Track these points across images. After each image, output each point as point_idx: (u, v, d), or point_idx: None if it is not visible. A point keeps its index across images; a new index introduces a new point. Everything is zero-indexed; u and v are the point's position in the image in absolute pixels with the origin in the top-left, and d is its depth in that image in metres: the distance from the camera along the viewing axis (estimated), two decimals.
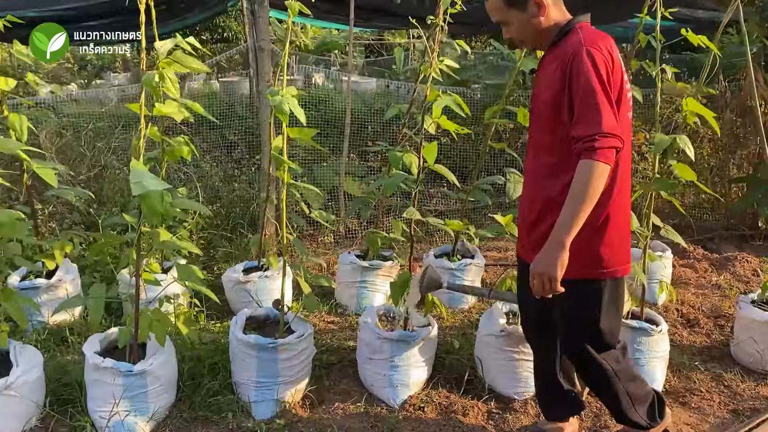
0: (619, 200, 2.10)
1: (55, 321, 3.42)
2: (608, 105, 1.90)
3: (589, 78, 1.90)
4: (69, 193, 3.24)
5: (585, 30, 2.03)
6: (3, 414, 2.50)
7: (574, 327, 2.25)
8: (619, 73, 1.99)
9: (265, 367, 2.75)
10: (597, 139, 1.87)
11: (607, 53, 1.96)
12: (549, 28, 2.09)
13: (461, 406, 2.84)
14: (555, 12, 2.08)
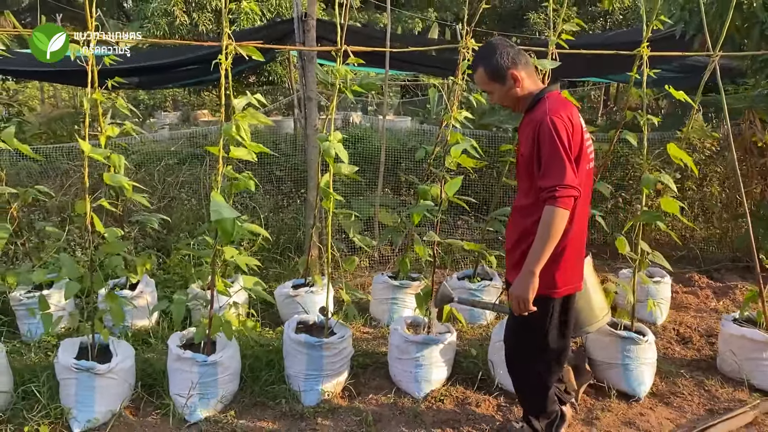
0: (575, 235, 2.60)
1: (136, 326, 4.08)
2: (568, 162, 2.42)
3: (552, 141, 2.43)
4: (152, 219, 3.92)
5: (551, 100, 2.58)
6: (107, 392, 3.14)
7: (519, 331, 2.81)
8: (579, 134, 2.52)
9: (312, 362, 3.35)
10: (558, 189, 2.40)
11: (568, 120, 2.48)
12: (525, 96, 2.65)
13: (475, 400, 3.39)
14: (529, 83, 2.64)
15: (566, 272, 2.63)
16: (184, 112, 18.76)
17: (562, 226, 2.43)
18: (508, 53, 2.60)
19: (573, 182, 2.42)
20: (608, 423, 3.22)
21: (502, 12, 21.94)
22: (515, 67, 2.59)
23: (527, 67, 2.64)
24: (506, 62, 2.59)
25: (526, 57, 2.66)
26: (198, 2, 11.69)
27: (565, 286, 2.65)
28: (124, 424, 3.15)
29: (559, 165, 2.42)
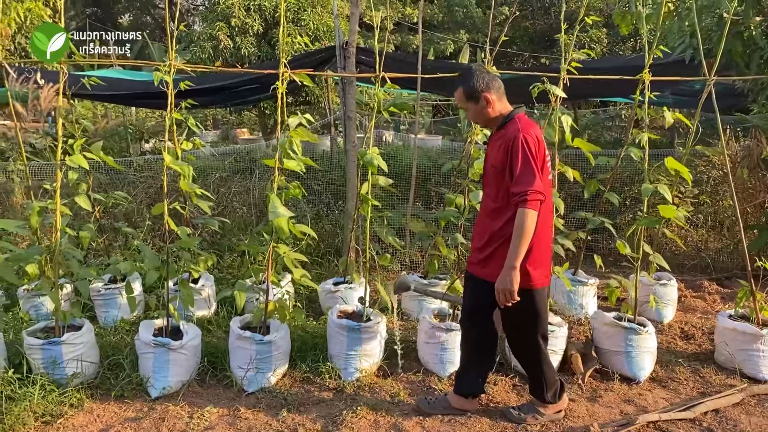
0: (541, 234, 3.08)
1: (198, 315, 4.68)
2: (536, 171, 2.94)
3: (525, 154, 2.95)
4: (213, 222, 4.52)
5: (522, 120, 3.09)
6: (179, 365, 3.72)
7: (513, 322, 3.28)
8: (542, 149, 3.03)
9: (351, 343, 3.89)
10: (528, 194, 2.91)
11: (535, 138, 3.00)
12: (496, 117, 3.16)
13: (493, 380, 3.87)
14: (499, 105, 3.16)
15: (539, 266, 3.12)
16: (224, 131, 19.66)
17: (533, 224, 2.94)
18: (484, 78, 3.13)
19: (540, 188, 2.94)
20: (610, 400, 3.68)
21: (533, 33, 22.50)
22: (488, 91, 3.12)
23: (498, 91, 3.15)
24: (481, 86, 3.12)
25: (499, 83, 3.17)
26: (241, 27, 12.47)
27: (540, 278, 3.14)
28: (192, 392, 3.72)
29: (529, 174, 2.94)
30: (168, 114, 3.82)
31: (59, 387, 3.57)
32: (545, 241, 3.18)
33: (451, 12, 23.32)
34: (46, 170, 6.03)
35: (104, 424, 3.36)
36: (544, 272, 3.20)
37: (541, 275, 3.16)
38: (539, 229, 3.05)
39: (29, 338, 3.71)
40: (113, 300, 4.67)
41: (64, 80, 3.73)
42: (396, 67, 5.84)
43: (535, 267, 3.11)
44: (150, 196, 6.04)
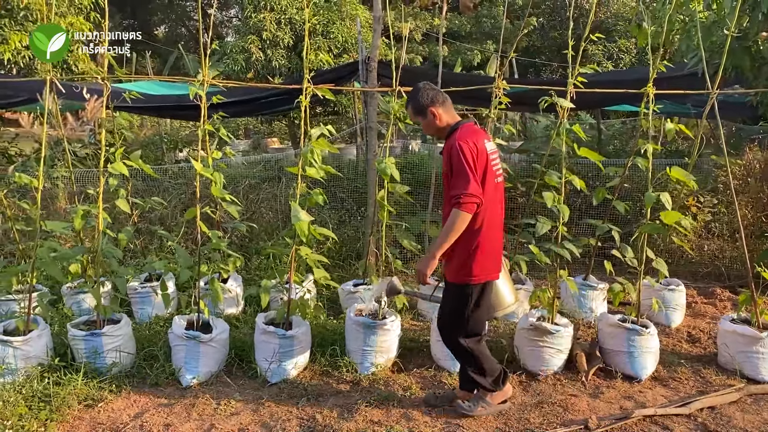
0: (487, 234, 3.30)
1: (226, 313, 5.00)
2: (472, 176, 3.15)
3: (459, 160, 3.18)
4: (242, 226, 4.84)
5: (463, 129, 3.33)
6: (208, 356, 4.04)
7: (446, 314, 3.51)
8: (483, 156, 3.24)
9: (368, 339, 4.15)
10: (462, 197, 3.14)
11: (473, 144, 3.21)
12: (444, 127, 3.43)
13: None
14: (446, 117, 3.41)
15: (481, 264, 3.34)
16: (255, 140, 20.16)
17: (463, 225, 3.17)
18: (428, 94, 3.39)
19: (475, 192, 3.15)
20: (611, 396, 3.88)
21: (561, 43, 22.59)
22: (433, 105, 3.39)
23: (444, 104, 3.41)
24: (426, 101, 3.40)
25: (443, 96, 3.43)
26: (272, 40, 12.89)
27: (482, 275, 3.36)
28: (220, 382, 4.03)
29: (464, 178, 3.17)
30: (201, 125, 4.15)
31: (99, 375, 3.92)
32: (491, 240, 3.37)
33: (478, 22, 23.57)
34: (88, 177, 6.44)
35: (140, 408, 3.69)
36: (490, 270, 3.40)
37: (483, 272, 3.36)
38: (484, 230, 3.29)
39: (73, 330, 4.06)
40: (148, 298, 5.02)
41: (108, 94, 4.09)
42: (416, 79, 6.11)
43: (479, 265, 3.33)
44: (183, 202, 6.42)
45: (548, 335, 4.13)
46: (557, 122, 4.42)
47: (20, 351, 3.89)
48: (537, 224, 4.33)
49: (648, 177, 4.35)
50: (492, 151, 3.37)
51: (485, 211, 3.28)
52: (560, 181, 4.34)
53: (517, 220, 6.71)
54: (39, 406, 3.52)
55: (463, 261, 3.33)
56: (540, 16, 21.87)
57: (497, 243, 3.46)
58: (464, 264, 3.32)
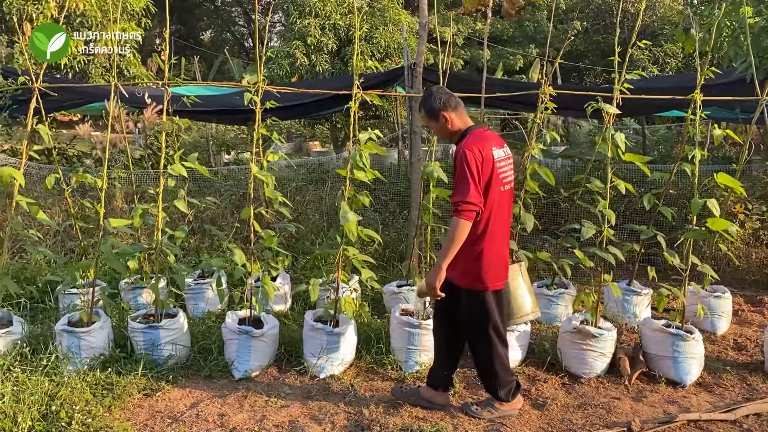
0: (491, 241, 3.31)
1: (275, 310, 5.17)
2: (473, 184, 3.14)
3: (462, 167, 3.19)
4: (291, 226, 5.00)
5: (472, 136, 3.32)
6: (259, 351, 4.20)
7: (467, 322, 3.52)
8: (489, 163, 3.22)
9: (412, 338, 4.26)
10: (461, 204, 3.15)
11: (478, 152, 3.20)
12: (455, 132, 3.42)
13: (543, 378, 4.17)
14: (458, 122, 3.41)
15: (489, 271, 3.36)
16: (297, 143, 20.50)
17: (464, 233, 3.18)
18: (441, 98, 3.40)
19: (475, 200, 3.16)
20: (654, 400, 3.91)
21: (605, 47, 22.35)
22: (446, 110, 3.39)
23: (456, 109, 3.41)
24: (438, 105, 3.39)
25: (456, 101, 3.43)
26: (316, 45, 13.14)
27: (491, 282, 3.38)
28: (270, 375, 4.20)
29: (465, 185, 3.18)
30: (256, 129, 4.33)
31: (157, 366, 4.12)
32: (496, 247, 3.38)
33: (521, 26, 23.49)
34: (143, 178, 6.72)
35: (195, 398, 3.87)
36: (495, 276, 3.40)
37: (492, 279, 3.39)
38: (487, 236, 3.31)
39: (133, 323, 4.28)
40: (201, 294, 5.23)
41: (168, 98, 4.31)
42: (461, 85, 6.21)
43: (485, 271, 3.35)
44: (233, 203, 6.64)
45: (591, 339, 4.18)
46: (601, 127, 4.46)
47: (84, 341, 4.11)
48: (582, 228, 4.37)
49: (694, 183, 4.35)
50: (501, 158, 3.35)
51: (489, 218, 3.30)
52: (605, 187, 4.37)
53: (560, 225, 6.74)
54: (102, 393, 3.73)
55: (467, 267, 3.35)
56: (584, 19, 21.67)
57: (502, 250, 3.46)
58: (469, 270, 3.36)
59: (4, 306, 4.68)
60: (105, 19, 12.07)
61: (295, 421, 3.59)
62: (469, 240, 3.26)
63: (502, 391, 3.61)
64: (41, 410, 3.33)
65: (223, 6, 33.05)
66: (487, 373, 3.63)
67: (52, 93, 4.64)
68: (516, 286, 3.72)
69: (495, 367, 3.56)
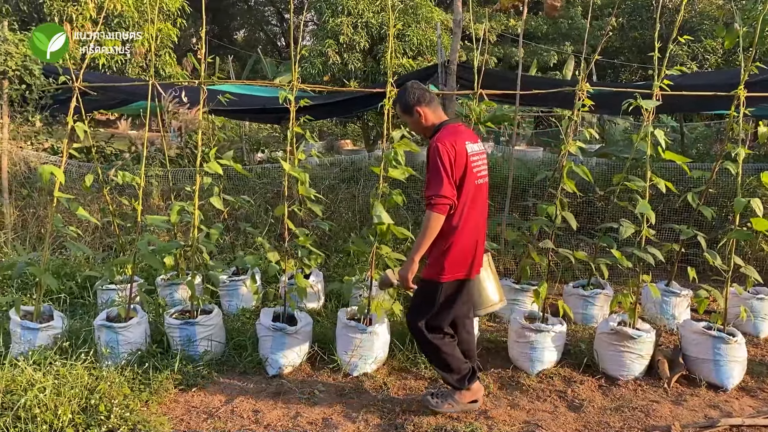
0: (462, 235, 3.29)
1: (308, 307, 5.19)
2: (446, 177, 3.15)
3: (435, 161, 3.19)
4: (324, 224, 5.01)
5: (445, 130, 3.33)
6: (293, 348, 4.22)
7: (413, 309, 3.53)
8: (462, 157, 3.22)
9: None
10: (434, 197, 3.16)
11: (450, 146, 3.20)
12: (429, 127, 3.44)
13: (579, 379, 4.11)
14: (432, 117, 3.43)
15: (453, 264, 3.35)
16: (329, 142, 20.59)
17: (437, 225, 3.19)
18: (415, 94, 3.41)
19: (448, 194, 3.16)
20: (694, 404, 3.81)
21: (642, 43, 21.94)
22: (419, 105, 3.40)
23: (431, 104, 3.42)
24: (413, 101, 3.40)
25: (431, 96, 3.45)
26: (348, 44, 13.16)
27: (450, 274, 3.36)
28: (304, 372, 4.21)
29: (438, 179, 3.18)
30: (290, 127, 4.35)
31: (193, 361, 4.17)
32: (466, 241, 3.36)
33: (555, 23, 23.20)
34: (179, 176, 6.81)
35: (230, 394, 3.90)
36: (460, 269, 3.38)
37: (454, 271, 3.37)
38: (458, 230, 3.29)
39: (169, 319, 4.34)
40: (236, 291, 5.28)
41: (204, 97, 4.35)
42: (495, 82, 6.15)
43: (451, 263, 3.34)
44: (267, 201, 6.69)
45: (629, 340, 4.10)
46: (639, 125, 4.36)
47: (122, 336, 4.18)
48: (620, 228, 4.29)
49: (738, 182, 4.24)
50: (474, 152, 3.35)
51: (462, 211, 3.29)
52: (644, 185, 4.28)
53: (596, 224, 6.63)
54: (140, 388, 3.79)
55: (435, 258, 3.36)
56: (620, 15, 21.28)
57: (475, 244, 3.43)
58: (437, 261, 3.35)
59: (46, 301, 4.78)
60: (141, 20, 12.30)
61: (329, 419, 3.60)
62: (442, 232, 3.28)
63: (457, 378, 3.58)
64: (81, 403, 3.39)
65: (257, 6, 33.35)
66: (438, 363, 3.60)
67: (92, 92, 4.73)
68: (484, 277, 3.67)
69: (446, 356, 3.53)
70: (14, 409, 3.22)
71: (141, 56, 12.60)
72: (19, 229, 6.66)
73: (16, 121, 6.68)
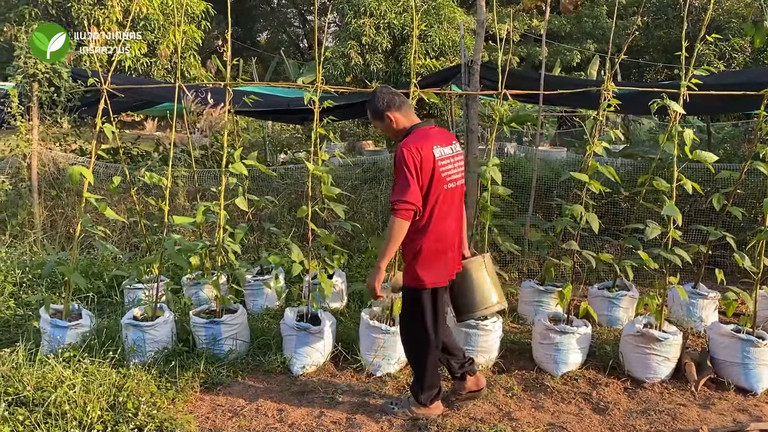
0: (432, 239, 3.28)
1: (331, 307, 5.21)
2: (410, 182, 3.12)
3: (400, 166, 3.17)
4: (347, 224, 5.03)
5: (414, 134, 3.31)
6: (317, 347, 4.24)
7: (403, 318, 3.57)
8: (429, 162, 3.19)
9: (469, 339, 4.23)
10: (398, 203, 3.13)
11: (416, 151, 3.17)
12: (401, 130, 3.41)
13: (605, 382, 4.07)
14: (404, 121, 3.40)
15: (428, 269, 3.32)
16: (350, 142, 20.63)
17: (401, 231, 3.17)
18: (384, 99, 3.39)
19: (412, 199, 3.14)
20: (723, 408, 3.76)
21: (668, 42, 21.65)
22: (389, 110, 3.37)
23: (401, 108, 3.40)
24: (382, 106, 3.38)
25: (401, 100, 3.42)
26: (371, 45, 13.18)
27: (430, 280, 3.33)
28: (327, 372, 4.23)
29: (402, 184, 3.16)
30: (314, 128, 4.37)
31: (218, 360, 4.21)
32: (437, 246, 3.33)
33: (579, 22, 23.01)
34: (204, 176, 6.89)
35: (254, 393, 3.94)
36: (438, 275, 3.37)
37: (431, 277, 3.34)
38: (428, 235, 3.28)
39: (195, 318, 4.39)
40: (260, 290, 5.32)
41: (230, 98, 4.40)
42: (518, 82, 6.11)
43: (423, 269, 3.32)
44: (290, 201, 6.74)
45: (656, 342, 4.05)
46: (664, 125, 4.31)
47: (148, 335, 4.24)
48: (646, 229, 4.24)
49: (767, 182, 4.17)
50: (444, 156, 3.31)
51: (430, 217, 3.27)
52: (670, 186, 4.23)
53: (621, 226, 6.56)
54: (166, 386, 3.83)
55: (408, 264, 3.37)
56: (645, 14, 21.03)
57: (445, 249, 3.39)
58: (409, 268, 3.36)
59: (74, 300, 4.87)
60: (167, 22, 12.46)
61: (353, 419, 3.61)
62: (409, 238, 3.27)
63: (423, 394, 3.57)
64: (109, 401, 3.44)
65: (279, 8, 33.59)
66: (416, 372, 3.62)
67: (119, 94, 4.80)
68: (481, 277, 3.64)
69: (424, 367, 3.53)
70: (45, 405, 3.28)
71: (166, 58, 12.77)
72: (48, 229, 6.79)
73: (45, 122, 6.80)
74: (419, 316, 3.44)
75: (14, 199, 6.93)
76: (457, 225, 3.49)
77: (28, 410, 3.29)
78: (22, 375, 3.53)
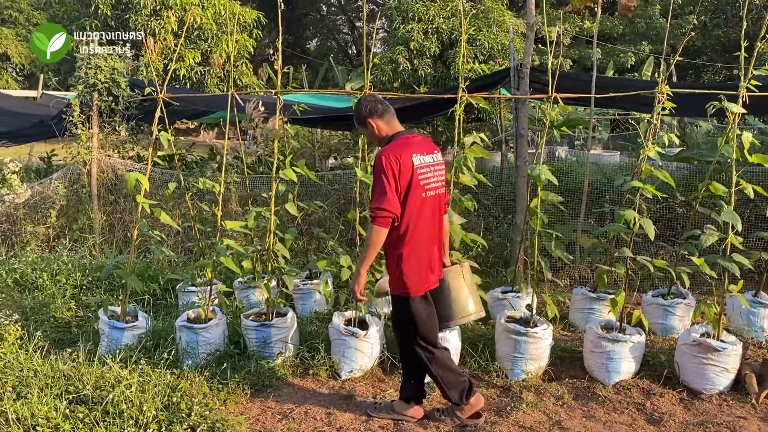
0: (411, 246, 3.29)
1: (379, 312, 5.22)
2: (387, 190, 3.15)
3: (378, 174, 3.20)
4: None
5: (394, 142, 3.34)
6: (365, 352, 4.26)
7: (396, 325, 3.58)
8: (408, 170, 3.20)
9: (518, 346, 4.17)
10: (376, 210, 3.16)
11: (395, 159, 3.19)
12: (383, 137, 3.43)
13: (659, 392, 3.96)
14: (386, 128, 3.43)
15: (412, 276, 3.34)
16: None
17: (380, 238, 3.21)
18: (368, 106, 3.44)
19: (389, 207, 3.17)
20: None
21: (726, 42, 20.95)
22: (371, 117, 3.42)
23: (383, 116, 3.43)
24: (365, 113, 3.43)
25: (384, 108, 3.45)
26: (419, 50, 13.19)
27: (414, 287, 3.36)
28: (374, 376, 4.25)
29: (381, 192, 3.19)
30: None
31: (268, 362, 4.27)
32: (419, 253, 3.35)
33: (632, 23, 22.49)
34: (255, 182, 7.02)
35: (303, 396, 3.99)
36: (420, 281, 3.38)
37: (416, 284, 3.36)
38: (408, 241, 3.29)
39: (246, 321, 4.47)
40: (309, 294, 5.38)
41: (280, 106, 4.48)
42: (569, 85, 6.02)
43: (407, 276, 3.34)
44: (339, 207, 6.80)
45: (713, 353, 3.92)
46: (722, 127, 4.17)
47: (201, 337, 4.34)
48: (702, 235, 4.12)
49: None
50: (423, 164, 3.32)
51: (408, 224, 3.28)
52: (729, 191, 4.09)
53: (676, 231, 6.39)
54: (218, 388, 3.92)
55: (392, 273, 3.41)
56: (702, 14, 20.42)
57: (428, 256, 3.41)
58: (394, 276, 3.39)
59: (131, 302, 5.03)
60: (220, 31, 12.77)
61: (400, 424, 3.61)
62: (390, 246, 3.33)
63: (454, 393, 3.53)
64: (163, 401, 3.54)
65: (329, 15, 33.97)
66: (433, 379, 3.57)
67: (174, 103, 4.95)
68: (458, 287, 3.61)
69: (433, 372, 3.51)
70: (103, 404, 3.40)
71: (219, 67, 13.09)
72: (106, 233, 7.04)
73: (104, 130, 7.06)
74: (410, 322, 3.46)
75: (75, 205, 7.21)
76: (438, 233, 3.53)
77: (87, 408, 3.41)
78: (82, 374, 3.67)
